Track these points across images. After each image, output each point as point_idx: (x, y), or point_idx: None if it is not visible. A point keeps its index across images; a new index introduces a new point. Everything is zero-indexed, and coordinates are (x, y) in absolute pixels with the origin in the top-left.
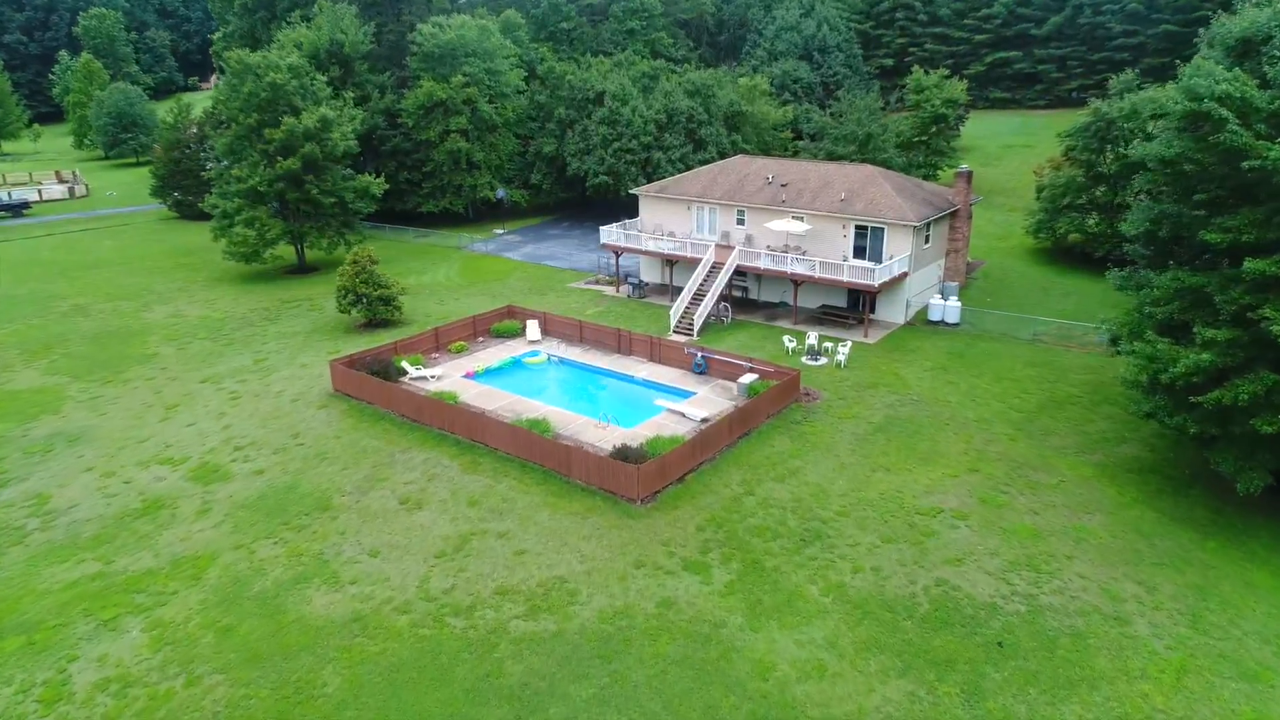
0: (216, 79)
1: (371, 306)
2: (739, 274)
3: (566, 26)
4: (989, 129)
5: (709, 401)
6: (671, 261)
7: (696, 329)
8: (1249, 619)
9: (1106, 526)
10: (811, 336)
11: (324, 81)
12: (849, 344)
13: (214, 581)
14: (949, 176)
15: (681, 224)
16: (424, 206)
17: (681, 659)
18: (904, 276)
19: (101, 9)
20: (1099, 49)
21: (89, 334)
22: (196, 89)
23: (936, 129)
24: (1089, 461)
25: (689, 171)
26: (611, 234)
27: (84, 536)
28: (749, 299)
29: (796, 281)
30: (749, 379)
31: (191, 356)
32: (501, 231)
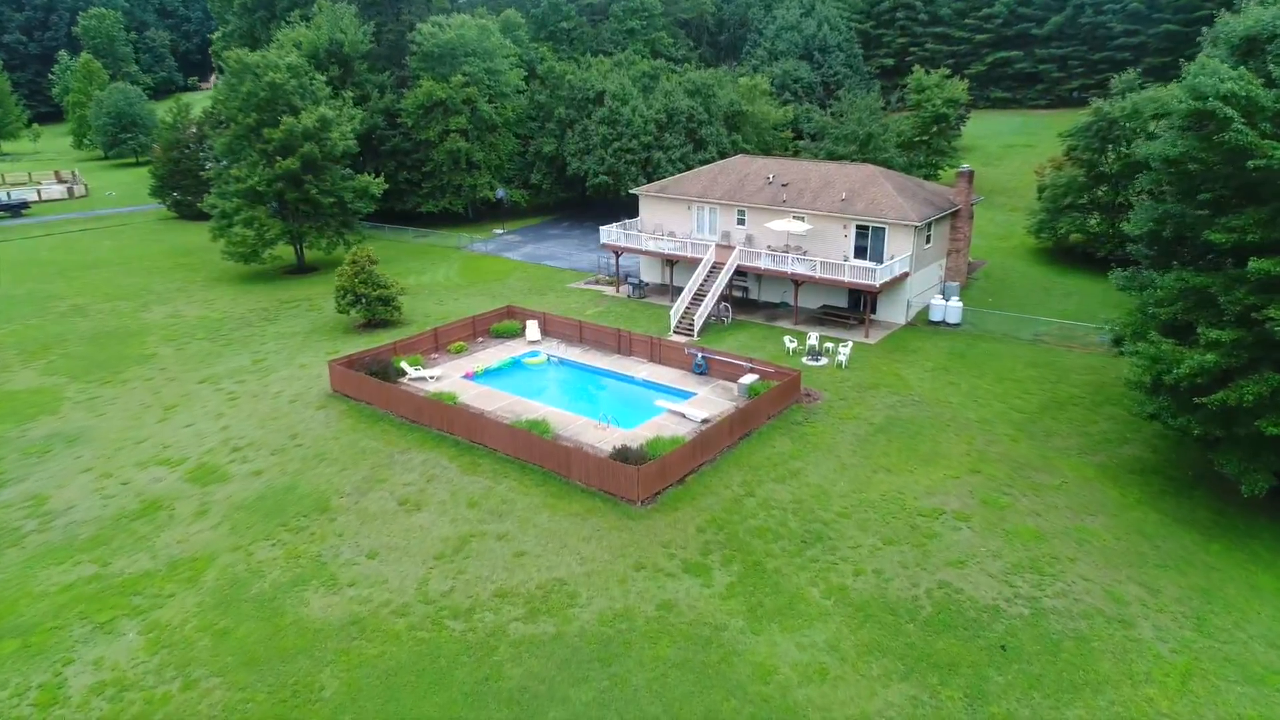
0: (216, 79)
1: (371, 307)
2: (739, 274)
3: (566, 26)
4: (990, 129)
5: (709, 402)
6: (672, 261)
7: (697, 329)
8: (1254, 622)
9: (1109, 528)
10: (812, 337)
11: (323, 81)
12: (850, 344)
13: (211, 583)
14: (950, 176)
15: (682, 224)
16: (423, 206)
17: (682, 662)
18: (905, 277)
19: (101, 9)
20: (1100, 48)
21: (87, 334)
22: (196, 89)
23: (937, 129)
24: (1091, 463)
25: (689, 171)
26: (611, 234)
27: (81, 538)
28: (749, 299)
29: (797, 281)
30: (749, 379)
31: (190, 357)
32: (501, 231)
